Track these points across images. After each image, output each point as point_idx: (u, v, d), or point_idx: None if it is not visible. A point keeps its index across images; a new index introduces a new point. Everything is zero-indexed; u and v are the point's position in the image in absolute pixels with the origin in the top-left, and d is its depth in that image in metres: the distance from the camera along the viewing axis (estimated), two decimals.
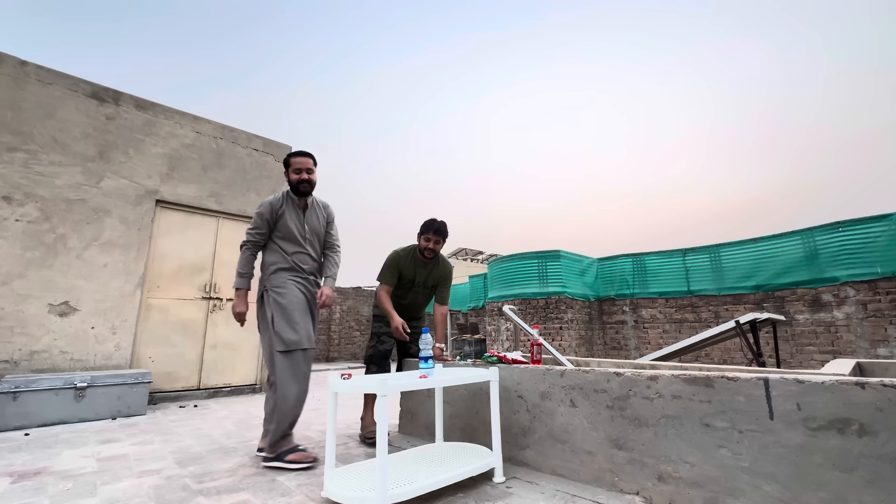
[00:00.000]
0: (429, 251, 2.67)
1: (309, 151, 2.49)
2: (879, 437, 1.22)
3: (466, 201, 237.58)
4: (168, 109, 4.63)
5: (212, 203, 4.76)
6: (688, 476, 1.54)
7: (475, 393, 2.32)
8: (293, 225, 2.42)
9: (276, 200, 2.42)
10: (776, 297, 6.33)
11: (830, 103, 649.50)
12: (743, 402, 1.46)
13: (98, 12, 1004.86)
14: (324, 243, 2.59)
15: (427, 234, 2.66)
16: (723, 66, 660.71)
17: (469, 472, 1.76)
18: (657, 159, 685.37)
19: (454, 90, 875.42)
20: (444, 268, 2.84)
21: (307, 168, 2.41)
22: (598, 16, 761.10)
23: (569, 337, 7.46)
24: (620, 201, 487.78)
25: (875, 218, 5.57)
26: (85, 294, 3.86)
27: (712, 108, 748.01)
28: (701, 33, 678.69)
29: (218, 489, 1.83)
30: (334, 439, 1.72)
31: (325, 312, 11.87)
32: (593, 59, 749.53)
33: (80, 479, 1.97)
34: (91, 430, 3.00)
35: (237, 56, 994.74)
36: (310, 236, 2.48)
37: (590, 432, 1.83)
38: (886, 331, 5.27)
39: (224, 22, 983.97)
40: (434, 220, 2.67)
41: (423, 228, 2.69)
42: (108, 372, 3.59)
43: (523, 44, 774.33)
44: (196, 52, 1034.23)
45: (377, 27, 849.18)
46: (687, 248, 7.51)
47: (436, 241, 2.66)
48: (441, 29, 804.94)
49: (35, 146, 3.79)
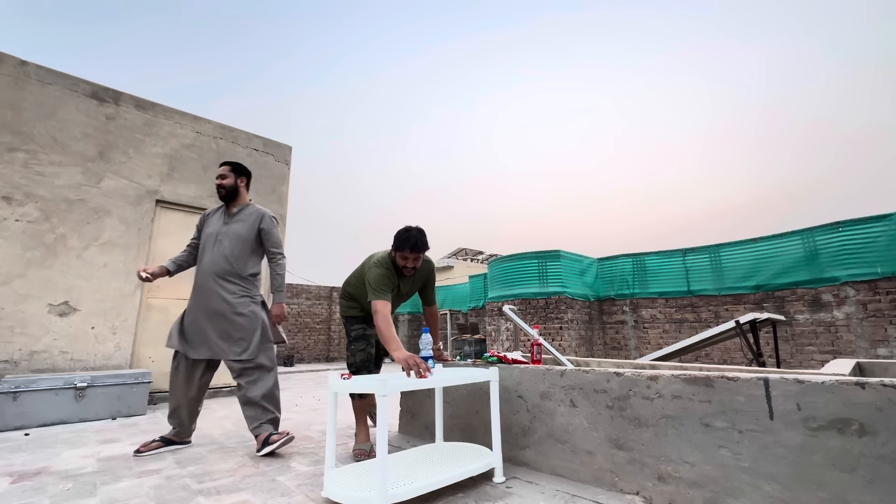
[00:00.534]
0: (407, 270, 2.32)
1: (229, 160, 2.77)
2: (879, 437, 1.22)
3: (466, 201, 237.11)
4: (168, 109, 4.63)
5: (212, 203, 4.76)
6: (688, 476, 1.54)
7: (475, 393, 2.32)
8: (210, 229, 2.61)
9: (211, 209, 2.71)
10: (776, 297, 6.33)
11: (829, 101, 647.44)
12: (743, 402, 1.46)
13: (97, 15, 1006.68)
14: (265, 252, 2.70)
15: (403, 252, 2.25)
16: (721, 65, 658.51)
17: (469, 472, 1.76)
18: (657, 158, 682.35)
19: (454, 90, 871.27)
20: (425, 270, 2.53)
21: (220, 174, 2.61)
22: (598, 15, 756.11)
23: (569, 337, 7.46)
24: (620, 201, 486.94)
25: (875, 218, 5.57)
26: (85, 294, 3.86)
27: (710, 107, 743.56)
28: (699, 34, 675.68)
29: (218, 489, 1.83)
30: (334, 439, 1.72)
31: (325, 313, 11.87)
32: (594, 60, 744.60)
33: (80, 479, 1.97)
34: (91, 430, 3.00)
35: (236, 60, 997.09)
36: (225, 239, 2.59)
37: (590, 432, 1.83)
38: (886, 331, 5.27)
39: (223, 27, 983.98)
40: (410, 235, 2.24)
41: (398, 244, 2.26)
42: (108, 372, 3.59)
43: (525, 44, 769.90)
44: (195, 55, 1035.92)
45: (377, 29, 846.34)
46: (687, 248, 7.51)
47: (414, 258, 2.28)
48: (441, 30, 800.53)
49: (35, 146, 3.79)
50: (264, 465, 2.18)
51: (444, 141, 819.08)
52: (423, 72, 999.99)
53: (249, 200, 2.73)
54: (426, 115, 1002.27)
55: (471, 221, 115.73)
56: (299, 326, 11.24)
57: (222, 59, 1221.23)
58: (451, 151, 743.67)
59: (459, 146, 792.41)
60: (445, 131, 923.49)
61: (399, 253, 2.28)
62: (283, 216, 5.38)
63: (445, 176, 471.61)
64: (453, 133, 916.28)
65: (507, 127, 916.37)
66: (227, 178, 2.61)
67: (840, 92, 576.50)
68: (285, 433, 2.36)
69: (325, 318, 11.83)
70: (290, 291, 11.26)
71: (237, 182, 2.64)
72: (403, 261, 2.29)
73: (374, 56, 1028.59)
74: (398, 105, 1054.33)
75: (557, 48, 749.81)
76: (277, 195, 5.36)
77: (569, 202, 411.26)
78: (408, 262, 2.29)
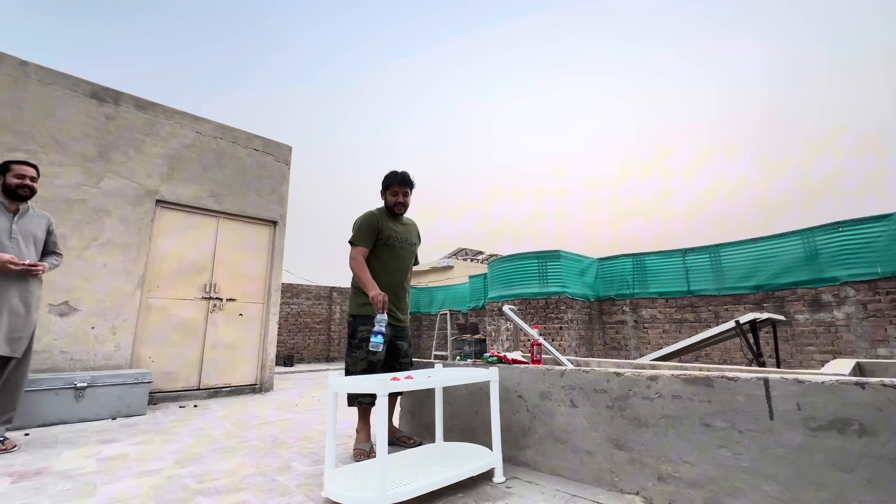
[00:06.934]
0: (399, 206, 2.47)
1: (34, 163, 2.81)
2: (879, 437, 1.22)
3: (466, 201, 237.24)
4: (168, 109, 4.63)
5: (212, 203, 4.76)
6: (688, 476, 1.54)
7: (475, 393, 2.31)
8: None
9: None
10: (776, 297, 6.33)
11: (829, 101, 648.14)
12: (743, 402, 1.46)
13: (89, 11, 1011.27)
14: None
15: (393, 188, 2.45)
16: (725, 63, 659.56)
17: (469, 472, 1.76)
18: (658, 157, 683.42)
19: (453, 88, 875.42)
20: (416, 226, 2.68)
21: (31, 176, 2.66)
22: (598, 13, 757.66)
23: (569, 337, 7.46)
24: (620, 201, 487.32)
25: (875, 218, 5.56)
26: (85, 294, 3.86)
27: (716, 105, 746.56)
28: (703, 31, 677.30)
29: (218, 489, 1.83)
30: (334, 439, 1.72)
31: (325, 313, 11.86)
32: (594, 57, 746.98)
33: (80, 479, 1.97)
34: (91, 430, 3.00)
35: (227, 58, 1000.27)
36: (17, 237, 2.62)
37: (590, 432, 1.83)
38: (886, 331, 5.27)
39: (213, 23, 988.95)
40: (396, 172, 2.47)
41: (386, 182, 2.47)
42: (108, 372, 3.59)
43: (526, 41, 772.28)
44: (185, 53, 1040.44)
45: (374, 26, 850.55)
46: (687, 248, 7.51)
47: (404, 192, 2.46)
48: (439, 26, 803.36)
49: (35, 146, 3.79)
50: (264, 465, 2.18)
51: (444, 141, 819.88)
52: (423, 68, 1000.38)
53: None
54: (426, 115, 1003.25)
55: (471, 221, 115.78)
56: (299, 326, 11.23)
57: (211, 58, 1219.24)
58: (451, 151, 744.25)
59: (459, 146, 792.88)
60: (445, 131, 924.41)
61: (389, 190, 2.47)
62: (283, 216, 5.38)
63: (445, 176, 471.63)
64: (453, 133, 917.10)
65: (507, 125, 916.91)
66: (36, 182, 2.70)
67: (842, 92, 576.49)
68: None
69: (325, 318, 11.82)
70: (290, 291, 11.26)
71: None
72: (394, 197, 2.46)
73: (370, 54, 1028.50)
74: (398, 105, 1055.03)
75: (560, 44, 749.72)
76: (277, 195, 5.36)
77: (569, 202, 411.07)
78: (398, 197, 2.46)
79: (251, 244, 5.08)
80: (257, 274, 5.07)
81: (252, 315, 4.95)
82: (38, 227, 2.73)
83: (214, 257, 4.74)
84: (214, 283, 4.68)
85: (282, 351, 10.41)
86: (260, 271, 5.10)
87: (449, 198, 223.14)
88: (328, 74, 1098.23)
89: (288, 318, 11.03)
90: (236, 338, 4.76)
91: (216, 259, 4.74)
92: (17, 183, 2.61)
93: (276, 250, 5.25)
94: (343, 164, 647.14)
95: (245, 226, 5.07)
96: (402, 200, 2.47)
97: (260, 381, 4.86)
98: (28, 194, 2.66)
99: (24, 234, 2.63)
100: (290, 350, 10.75)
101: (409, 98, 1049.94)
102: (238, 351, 4.76)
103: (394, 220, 2.51)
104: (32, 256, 2.67)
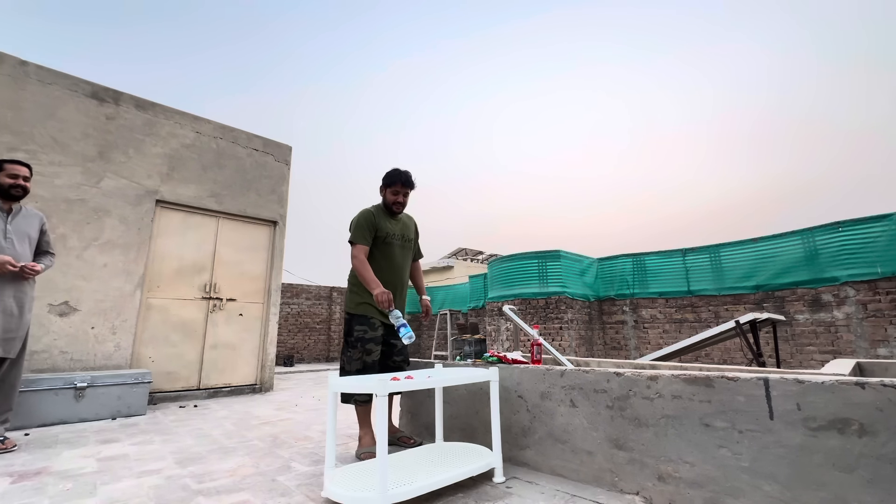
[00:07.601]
0: (398, 206, 2.47)
1: (27, 162, 2.78)
2: (879, 437, 1.22)
3: (466, 201, 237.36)
4: (168, 109, 4.63)
5: (212, 203, 4.76)
6: (688, 476, 1.54)
7: (475, 393, 2.31)
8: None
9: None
10: (776, 297, 6.32)
11: (827, 100, 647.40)
12: (743, 402, 1.46)
13: (95, 15, 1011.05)
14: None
15: (395, 187, 2.44)
16: (720, 64, 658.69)
17: (469, 472, 1.76)
18: (656, 157, 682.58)
19: (454, 89, 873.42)
20: (413, 220, 2.69)
21: (24, 175, 2.66)
22: (597, 14, 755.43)
23: (569, 337, 7.46)
24: (620, 201, 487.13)
25: (875, 218, 5.56)
26: (85, 294, 3.86)
27: (711, 105, 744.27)
28: (699, 32, 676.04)
29: (218, 489, 1.83)
30: (334, 439, 1.72)
31: (325, 313, 11.85)
32: (597, 58, 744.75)
33: (80, 479, 1.97)
34: (91, 430, 3.00)
35: (236, 61, 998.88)
36: (11, 237, 2.62)
37: (590, 432, 1.83)
38: (886, 331, 5.27)
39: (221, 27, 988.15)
40: (398, 170, 2.45)
41: (389, 180, 2.45)
42: (108, 372, 3.59)
43: (527, 42, 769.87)
44: (192, 57, 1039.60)
45: (376, 29, 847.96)
46: (687, 248, 7.51)
47: (404, 193, 2.47)
48: (440, 28, 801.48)
49: (35, 146, 3.79)
50: (264, 465, 2.18)
51: (444, 141, 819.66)
52: (423, 69, 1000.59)
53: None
54: (426, 115, 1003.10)
55: (471, 221, 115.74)
56: (299, 326, 11.23)
57: (219, 61, 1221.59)
58: (450, 151, 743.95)
59: (459, 146, 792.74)
60: (447, 132, 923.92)
61: (390, 189, 2.46)
62: (283, 216, 5.38)
63: (445, 176, 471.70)
64: (453, 133, 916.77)
65: (506, 127, 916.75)
66: (29, 182, 2.70)
67: (839, 91, 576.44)
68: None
69: (325, 318, 11.82)
70: (290, 291, 11.26)
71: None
72: (394, 196, 2.46)
73: (371, 57, 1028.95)
74: (398, 104, 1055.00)
75: (560, 45, 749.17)
76: (277, 195, 5.36)
77: (569, 201, 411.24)
78: (398, 196, 2.46)
79: (251, 244, 5.08)
80: (257, 274, 5.07)
81: (252, 315, 4.95)
82: (31, 226, 2.73)
83: (214, 257, 4.74)
84: (214, 283, 4.68)
85: (282, 351, 10.40)
86: (260, 271, 5.10)
87: (449, 198, 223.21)
88: (332, 77, 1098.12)
89: (288, 318, 11.02)
90: (236, 338, 4.76)
91: (216, 259, 4.74)
92: (11, 183, 2.61)
93: (276, 250, 5.25)
94: (345, 165, 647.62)
95: (245, 226, 5.07)
96: (401, 200, 2.49)
97: (260, 381, 4.86)
98: (21, 194, 2.65)
99: (18, 233, 2.63)
100: (290, 350, 10.75)
101: (410, 99, 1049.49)
102: (238, 351, 4.76)
103: (390, 217, 2.52)
104: (27, 256, 2.66)
